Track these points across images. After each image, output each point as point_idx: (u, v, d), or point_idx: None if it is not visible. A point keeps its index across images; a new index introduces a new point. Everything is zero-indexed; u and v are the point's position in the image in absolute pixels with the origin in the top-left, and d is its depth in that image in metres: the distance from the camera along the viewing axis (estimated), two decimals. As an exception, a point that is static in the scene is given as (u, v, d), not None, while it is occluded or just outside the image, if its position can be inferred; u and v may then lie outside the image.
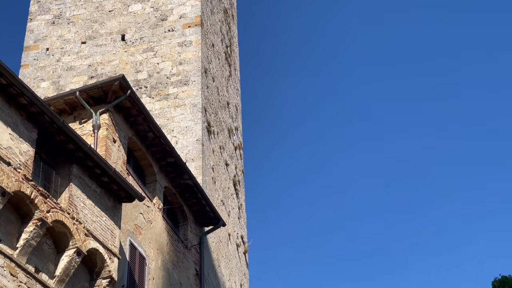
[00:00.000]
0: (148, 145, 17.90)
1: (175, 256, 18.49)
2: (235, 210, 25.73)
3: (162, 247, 17.75)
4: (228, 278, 22.93)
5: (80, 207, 13.62)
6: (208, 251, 21.07)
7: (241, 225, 26.59)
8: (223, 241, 23.18)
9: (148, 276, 16.48)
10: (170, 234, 18.48)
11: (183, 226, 19.81)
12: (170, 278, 17.76)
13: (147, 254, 16.72)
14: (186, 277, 18.83)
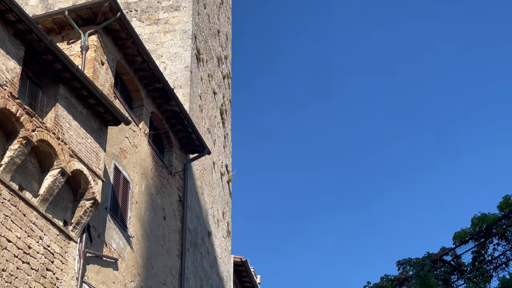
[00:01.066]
0: (136, 70, 17.77)
1: (159, 181, 18.59)
2: (220, 139, 25.78)
3: (147, 172, 17.81)
4: (210, 206, 23.13)
5: (65, 128, 13.58)
6: (192, 178, 21.19)
7: (226, 154, 26.69)
8: (208, 169, 23.30)
9: (131, 200, 16.59)
10: (155, 160, 18.53)
11: (168, 152, 19.87)
12: (153, 203, 17.90)
13: (131, 178, 16.79)
14: (169, 203, 18.98)
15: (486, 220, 9.36)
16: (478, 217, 9.42)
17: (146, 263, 16.79)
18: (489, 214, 9.35)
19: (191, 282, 19.57)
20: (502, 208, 9.11)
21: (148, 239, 17.15)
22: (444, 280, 9.46)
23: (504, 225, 9.19)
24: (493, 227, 9.29)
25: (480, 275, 9.53)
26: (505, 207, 9.06)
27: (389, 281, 10.08)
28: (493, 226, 9.30)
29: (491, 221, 9.33)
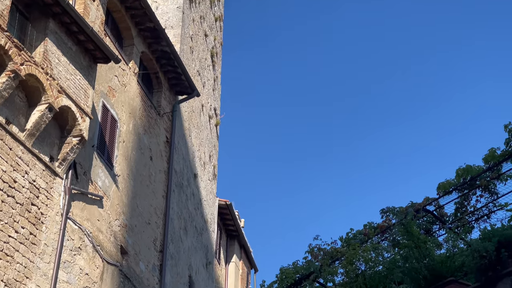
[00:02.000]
0: (127, 8, 17.56)
1: (147, 121, 18.56)
2: (210, 81, 25.67)
3: (135, 111, 17.76)
4: (197, 148, 23.17)
5: (54, 63, 13.46)
6: (180, 119, 21.17)
7: (215, 97, 26.62)
8: (196, 112, 23.26)
9: (118, 139, 16.57)
10: (143, 100, 18.47)
11: (157, 93, 19.80)
12: (141, 142, 17.90)
13: (119, 117, 16.74)
14: (156, 143, 18.99)
15: (471, 172, 9.43)
16: (463, 169, 9.49)
17: (131, 202, 16.87)
18: (474, 166, 9.42)
19: (175, 223, 19.72)
20: (487, 161, 9.17)
21: (134, 178, 17.20)
22: (426, 230, 9.59)
23: (488, 177, 9.27)
24: (477, 179, 9.37)
25: (461, 225, 9.65)
26: (490, 160, 9.12)
27: (372, 228, 10.20)
28: (477, 178, 9.38)
29: (475, 173, 9.41)
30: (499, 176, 9.20)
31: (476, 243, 7.34)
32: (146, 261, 17.26)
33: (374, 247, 8.94)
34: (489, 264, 7.11)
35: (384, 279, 8.66)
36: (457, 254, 8.26)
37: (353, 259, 8.76)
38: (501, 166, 9.13)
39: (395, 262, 8.60)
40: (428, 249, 8.36)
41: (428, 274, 8.11)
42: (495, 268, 7.12)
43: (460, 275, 8.10)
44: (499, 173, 9.21)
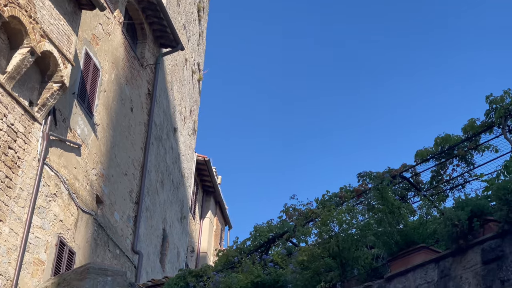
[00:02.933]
0: (115, -45, 17.33)
1: (130, 72, 18.43)
2: (195, 36, 25.48)
3: (118, 61, 17.63)
4: (179, 102, 23.08)
5: (38, 7, 13.28)
6: (163, 72, 21.04)
7: (199, 53, 26.45)
8: (179, 66, 23.12)
9: (100, 88, 16.46)
10: (127, 50, 18.32)
11: (141, 44, 19.64)
12: (122, 93, 17.79)
13: (101, 65, 16.61)
14: (137, 95, 18.90)
15: (449, 141, 9.46)
16: (441, 138, 9.51)
17: (109, 152, 16.83)
18: (452, 135, 9.46)
19: (152, 175, 19.73)
20: (466, 131, 9.20)
21: (114, 128, 17.14)
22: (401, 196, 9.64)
23: (466, 148, 9.32)
24: (455, 149, 9.42)
25: (436, 194, 9.73)
26: (469, 130, 9.16)
27: (348, 191, 10.23)
28: (455, 148, 9.42)
29: (454, 142, 9.44)
30: (476, 146, 9.25)
31: (449, 211, 7.40)
32: (121, 212, 17.30)
33: (349, 210, 8.98)
34: (460, 232, 7.19)
35: (357, 242, 8.71)
36: (430, 222, 8.33)
37: (328, 221, 8.79)
38: (479, 137, 9.17)
39: (369, 226, 8.65)
40: (402, 215, 8.41)
41: (400, 239, 8.18)
42: (466, 236, 7.20)
43: (432, 242, 8.17)
44: (477, 144, 9.25)
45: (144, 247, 18.72)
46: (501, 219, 6.81)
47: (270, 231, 11.07)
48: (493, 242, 6.94)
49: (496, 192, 6.88)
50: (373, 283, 8.10)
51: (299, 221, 10.38)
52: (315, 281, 8.60)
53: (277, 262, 9.72)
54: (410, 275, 7.70)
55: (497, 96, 8.72)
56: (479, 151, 9.34)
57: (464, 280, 7.09)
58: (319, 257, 8.69)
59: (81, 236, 14.95)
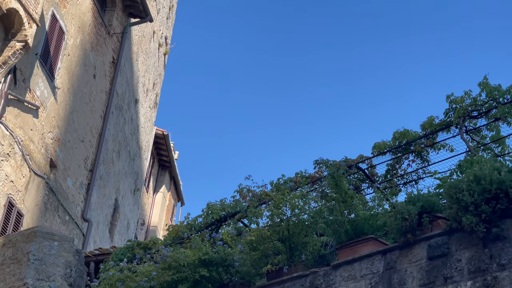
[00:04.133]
0: None
1: (95, 39, 18.21)
2: (165, 9, 25.26)
3: (84, 26, 17.40)
4: (143, 74, 22.91)
5: (8, -37, 13.01)
6: (129, 42, 20.84)
7: (168, 26, 26.24)
8: (146, 37, 22.92)
9: (64, 51, 16.24)
10: (95, 16, 18.09)
11: (109, 12, 19.41)
12: (86, 59, 17.58)
13: (67, 29, 16.37)
14: (101, 62, 18.69)
15: (407, 136, 9.58)
16: (400, 132, 9.63)
17: (68, 117, 16.64)
18: (411, 131, 9.58)
19: (109, 144, 19.58)
20: (424, 128, 9.33)
21: (74, 94, 16.94)
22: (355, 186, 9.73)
23: (422, 144, 9.45)
24: (412, 144, 9.55)
25: (389, 187, 9.85)
26: (427, 127, 9.28)
27: (303, 177, 10.30)
28: (412, 143, 9.55)
29: (411, 138, 9.56)
30: (433, 144, 9.39)
31: (401, 205, 7.50)
32: (74, 178, 17.15)
33: (303, 195, 9.03)
34: (409, 227, 7.29)
35: (307, 228, 8.77)
36: (381, 214, 8.43)
37: (280, 204, 8.83)
38: (436, 135, 9.31)
39: (321, 213, 8.71)
40: (354, 205, 8.49)
41: (350, 229, 8.26)
42: (414, 231, 7.31)
43: (381, 234, 8.28)
44: (433, 142, 9.40)
45: (94, 216, 18.60)
46: (450, 217, 6.92)
47: (222, 209, 11.09)
48: (440, 239, 7.06)
49: (447, 190, 6.98)
50: (319, 269, 8.17)
51: (252, 202, 10.42)
52: (263, 263, 8.65)
53: (227, 241, 9.74)
54: (356, 264, 7.79)
55: (457, 97, 8.86)
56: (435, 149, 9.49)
57: (409, 273, 7.19)
58: (269, 239, 8.74)
59: (31, 198, 14.79)
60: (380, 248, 7.71)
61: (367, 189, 10.06)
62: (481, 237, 6.63)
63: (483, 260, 6.59)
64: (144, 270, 9.38)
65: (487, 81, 8.79)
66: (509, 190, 6.47)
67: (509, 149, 8.83)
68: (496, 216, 6.55)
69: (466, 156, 8.63)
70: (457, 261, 6.81)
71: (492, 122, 8.92)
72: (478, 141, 9.19)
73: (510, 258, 6.38)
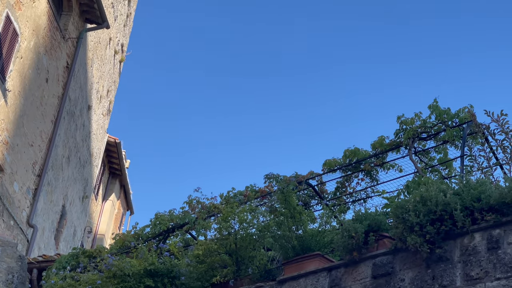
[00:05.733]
0: None
1: (50, 43, 18.00)
2: (123, 16, 25.13)
3: (39, 30, 17.19)
4: (97, 81, 22.71)
5: (-37, -39, 12.81)
6: (85, 48, 20.65)
7: (125, 34, 26.09)
8: (102, 44, 22.75)
9: (16, 54, 16.01)
10: (50, 19, 17.88)
11: (65, 16, 19.21)
12: (39, 62, 17.36)
13: (21, 31, 16.16)
14: (55, 67, 18.48)
15: (358, 155, 9.67)
16: (350, 150, 9.72)
17: (18, 120, 16.39)
18: (362, 149, 9.68)
19: (59, 150, 19.33)
20: (374, 147, 9.44)
21: (26, 97, 16.70)
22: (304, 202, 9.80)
23: (372, 163, 9.56)
24: (362, 163, 9.65)
25: (338, 204, 9.93)
26: (378, 146, 9.39)
27: (253, 191, 10.32)
28: (362, 162, 9.65)
29: (362, 156, 9.66)
30: (383, 164, 9.51)
31: (348, 223, 7.57)
32: (22, 183, 16.87)
33: (252, 209, 9.04)
34: (356, 244, 7.35)
35: (255, 242, 8.79)
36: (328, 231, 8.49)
37: (229, 217, 8.83)
38: (386, 154, 9.43)
39: (269, 228, 8.74)
40: (302, 221, 8.54)
41: (297, 244, 8.30)
42: (360, 249, 7.37)
43: (327, 251, 8.34)
44: (383, 161, 9.51)
45: (40, 222, 18.32)
46: (395, 236, 7.00)
47: (171, 220, 11.04)
48: (385, 258, 7.13)
49: (394, 210, 7.07)
50: (264, 284, 8.19)
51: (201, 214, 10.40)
52: (209, 275, 8.63)
53: (173, 252, 9.70)
54: (302, 280, 7.82)
55: (407, 118, 8.99)
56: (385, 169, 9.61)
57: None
58: (216, 252, 8.72)
59: (-24, 202, 14.49)
60: (326, 265, 7.76)
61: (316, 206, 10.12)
62: (424, 258, 6.72)
63: (425, 281, 6.68)
64: (88, 279, 9.26)
65: (437, 104, 8.94)
66: (453, 212, 6.58)
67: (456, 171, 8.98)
68: (440, 237, 6.65)
69: (414, 177, 8.76)
70: (400, 281, 6.88)
71: (441, 144, 9.08)
72: (426, 162, 9.34)
73: (452, 280, 6.49)
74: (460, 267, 6.49)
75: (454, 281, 6.45)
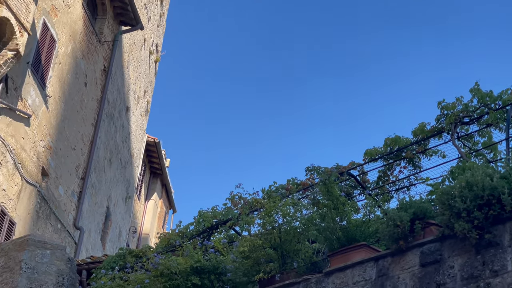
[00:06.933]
0: None
1: (87, 47, 18.20)
2: (156, 17, 25.28)
3: (75, 35, 17.38)
4: (134, 82, 22.90)
5: (-2, -29, 13.00)
6: (120, 50, 20.83)
7: (159, 34, 26.25)
8: (137, 45, 22.92)
9: (55, 60, 16.22)
10: (86, 24, 18.08)
11: (100, 20, 19.41)
12: (77, 67, 17.57)
13: (58, 38, 16.36)
14: (93, 70, 18.67)
15: (399, 143, 9.58)
16: (391, 138, 9.63)
17: (60, 125, 16.61)
18: (402, 137, 9.59)
19: (100, 152, 19.54)
20: (416, 134, 9.34)
21: (66, 102, 16.92)
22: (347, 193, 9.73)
23: (414, 151, 9.46)
24: (404, 151, 9.56)
25: (381, 194, 9.86)
26: (419, 133, 9.30)
27: (295, 184, 10.30)
28: (404, 150, 9.56)
29: (403, 144, 9.57)
30: (425, 150, 9.40)
31: (393, 212, 7.50)
32: (66, 186, 17.10)
33: (294, 202, 9.02)
34: (401, 233, 7.29)
35: (299, 235, 8.77)
36: (373, 221, 8.43)
37: (272, 212, 8.82)
38: (428, 141, 9.32)
39: (312, 220, 8.71)
40: (346, 212, 8.49)
41: (342, 235, 8.26)
42: (407, 238, 7.31)
43: (373, 241, 8.29)
44: (425, 148, 9.41)
45: (86, 224, 18.55)
46: (442, 223, 6.93)
47: (214, 217, 11.07)
48: (433, 245, 7.06)
49: (439, 197, 6.99)
50: (311, 276, 8.17)
51: (243, 209, 10.41)
52: (255, 271, 8.64)
53: (219, 249, 9.73)
54: (348, 271, 7.79)
55: (448, 103, 8.88)
56: (427, 155, 9.50)
57: (401, 281, 7.20)
58: (260, 247, 8.72)
59: (23, 207, 14.73)
60: (372, 255, 7.72)
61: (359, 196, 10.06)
62: (473, 244, 6.64)
63: (476, 267, 6.60)
64: (136, 278, 9.35)
65: (479, 87, 8.81)
66: (501, 196, 6.49)
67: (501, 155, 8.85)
68: (489, 222, 6.56)
69: (458, 162, 8.64)
70: (449, 268, 6.81)
71: (484, 128, 8.94)
72: (470, 147, 9.21)
73: (503, 264, 6.40)
74: (511, 252, 6.40)
75: (505, 266, 6.36)
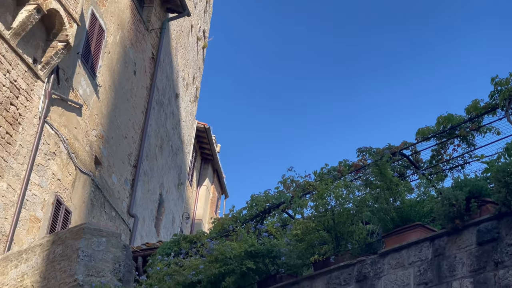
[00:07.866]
0: None
1: (135, 35, 18.34)
2: (202, 3, 25.33)
3: (123, 24, 17.53)
4: (182, 69, 23.01)
5: (46, -36, 13.17)
6: (168, 38, 20.95)
7: (206, 20, 26.30)
8: (185, 32, 23.01)
9: (104, 49, 16.39)
10: (133, 13, 18.21)
11: (147, 8, 19.53)
12: (126, 56, 17.72)
13: (107, 27, 16.52)
14: (141, 59, 18.82)
15: (452, 121, 9.42)
16: (444, 117, 9.47)
17: (110, 114, 16.81)
18: (455, 115, 9.42)
19: (151, 140, 19.73)
20: (469, 111, 9.15)
21: (116, 91, 17.10)
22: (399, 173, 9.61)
23: (468, 128, 9.29)
24: (457, 129, 9.39)
25: (435, 173, 9.72)
26: (472, 111, 9.12)
27: (346, 166, 10.22)
28: (457, 128, 9.40)
29: (456, 122, 9.40)
30: (479, 128, 9.21)
31: (448, 191, 7.39)
32: (119, 174, 17.32)
33: (347, 184, 8.95)
34: (457, 212, 7.18)
35: (353, 217, 8.71)
36: (427, 200, 8.32)
37: (324, 194, 8.78)
38: (482, 118, 9.13)
39: (365, 202, 8.64)
40: (399, 192, 8.40)
41: (396, 216, 8.17)
42: (463, 217, 7.20)
43: (427, 220, 8.18)
44: (479, 125, 9.21)
45: (140, 211, 18.77)
46: (498, 201, 6.81)
47: (266, 201, 11.07)
48: (490, 223, 6.95)
49: (495, 174, 6.87)
50: (366, 257, 8.12)
51: (296, 192, 10.38)
52: (309, 253, 8.62)
53: (272, 233, 9.74)
54: (404, 252, 7.72)
55: (502, 78, 8.69)
56: (481, 133, 9.31)
57: (458, 260, 7.11)
58: (314, 230, 8.70)
59: (78, 196, 14.98)
60: (427, 234, 7.63)
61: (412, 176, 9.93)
62: (531, 221, 6.52)
63: (534, 244, 6.48)
64: (191, 264, 9.43)
65: (533, 62, 8.59)
66: (559, 172, 6.35)
67: (558, 130, 8.63)
68: (546, 198, 6.43)
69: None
70: (507, 246, 6.70)
71: (540, 103, 8.72)
72: (525, 123, 9.00)
73: (563, 241, 6.27)
74: None
75: None
